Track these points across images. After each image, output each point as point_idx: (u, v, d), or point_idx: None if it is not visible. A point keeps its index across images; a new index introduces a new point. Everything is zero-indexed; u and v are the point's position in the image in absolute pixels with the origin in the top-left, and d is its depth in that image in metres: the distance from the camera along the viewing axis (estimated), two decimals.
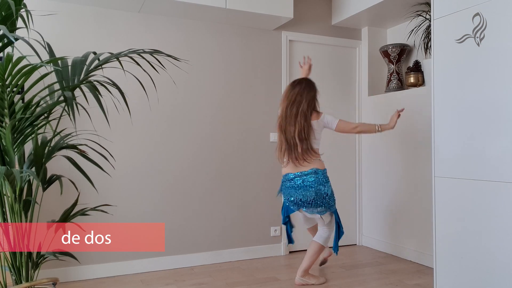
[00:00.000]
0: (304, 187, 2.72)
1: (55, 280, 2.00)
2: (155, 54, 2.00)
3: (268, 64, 3.68)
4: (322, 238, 2.84)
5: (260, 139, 3.63)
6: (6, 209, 1.86)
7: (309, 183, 2.71)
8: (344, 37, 3.99)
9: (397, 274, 3.11)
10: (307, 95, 2.77)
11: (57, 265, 2.90)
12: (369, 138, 3.95)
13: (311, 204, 2.73)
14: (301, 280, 2.84)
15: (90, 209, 2.13)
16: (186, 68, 3.28)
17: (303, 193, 2.73)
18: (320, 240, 2.84)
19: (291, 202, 2.81)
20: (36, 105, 1.90)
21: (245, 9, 3.18)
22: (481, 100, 2.24)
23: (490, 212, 2.18)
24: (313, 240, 2.87)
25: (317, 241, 2.85)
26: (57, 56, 2.03)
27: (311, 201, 2.71)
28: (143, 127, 3.22)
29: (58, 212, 2.49)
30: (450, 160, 2.41)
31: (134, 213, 3.17)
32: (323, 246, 2.85)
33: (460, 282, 2.35)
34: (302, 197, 2.73)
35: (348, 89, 4.04)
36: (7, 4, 1.73)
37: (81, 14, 3.05)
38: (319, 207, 2.74)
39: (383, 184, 3.78)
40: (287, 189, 2.82)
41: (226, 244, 3.49)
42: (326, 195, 2.72)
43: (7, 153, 1.81)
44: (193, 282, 2.94)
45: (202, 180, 3.41)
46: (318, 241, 2.84)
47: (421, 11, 3.44)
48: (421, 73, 3.53)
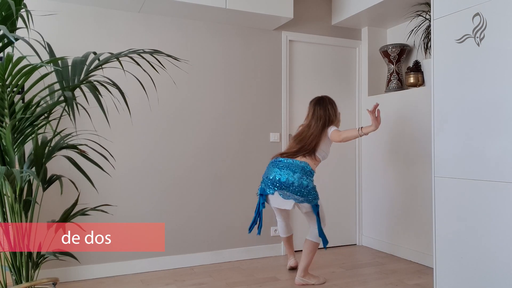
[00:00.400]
0: (290, 170, 2.78)
1: (55, 280, 2.00)
2: (155, 54, 2.00)
3: (268, 64, 3.68)
4: (314, 235, 2.85)
5: (260, 139, 3.63)
6: (6, 209, 1.86)
7: (295, 168, 2.78)
8: (344, 37, 3.99)
9: (397, 274, 3.11)
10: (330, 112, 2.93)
11: (57, 265, 2.90)
12: (369, 138, 3.95)
13: (288, 187, 2.74)
14: (301, 280, 2.85)
15: (90, 209, 2.13)
16: (186, 68, 3.28)
17: (286, 173, 2.77)
18: (313, 238, 2.85)
19: (268, 181, 2.81)
20: (36, 105, 1.90)
21: (245, 9, 3.18)
22: (481, 100, 2.24)
23: (490, 212, 2.18)
24: (306, 239, 2.89)
25: (309, 239, 2.86)
26: (57, 56, 2.03)
27: (290, 184, 2.73)
28: (143, 127, 3.22)
29: (58, 212, 2.50)
30: (450, 160, 2.41)
31: (134, 213, 3.17)
32: (317, 243, 2.86)
33: (460, 282, 2.35)
34: (281, 177, 2.77)
35: (348, 89, 4.04)
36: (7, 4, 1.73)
37: (81, 14, 3.05)
38: (296, 194, 2.75)
39: (383, 184, 3.78)
40: (269, 169, 2.88)
41: (226, 244, 3.49)
42: (307, 186, 2.76)
43: (7, 153, 1.81)
44: (193, 282, 2.94)
45: (202, 180, 3.41)
46: (311, 238, 2.86)
47: (421, 11, 3.44)
48: (421, 73, 3.53)
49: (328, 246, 3.84)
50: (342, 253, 3.71)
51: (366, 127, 2.76)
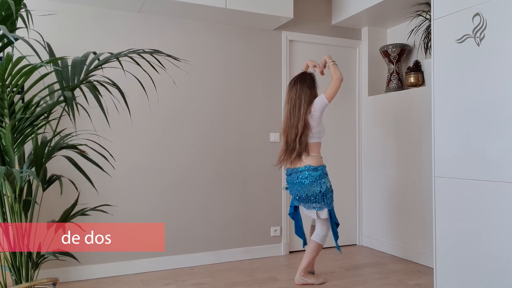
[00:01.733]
0: (299, 183, 2.80)
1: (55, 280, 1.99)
2: (155, 54, 2.00)
3: (268, 64, 3.68)
4: (319, 236, 2.85)
5: (260, 139, 3.63)
6: (6, 209, 1.86)
7: (302, 180, 2.78)
8: (344, 37, 3.99)
9: (397, 274, 3.11)
10: (304, 94, 2.80)
11: (57, 265, 2.90)
12: (369, 138, 3.95)
13: (305, 199, 2.79)
14: (301, 280, 2.84)
15: (90, 209, 2.13)
16: (186, 68, 3.28)
17: (297, 189, 2.81)
18: (317, 239, 2.84)
19: (292, 196, 2.93)
20: (36, 105, 1.90)
21: (245, 9, 3.18)
22: (481, 100, 2.24)
23: (490, 212, 2.18)
24: (311, 239, 2.88)
25: (314, 239, 2.86)
26: (57, 56, 2.03)
27: (305, 197, 2.78)
28: (143, 127, 3.22)
29: (58, 212, 2.49)
30: (450, 160, 2.41)
31: (134, 213, 3.17)
32: (321, 245, 2.85)
33: (460, 282, 2.35)
34: (297, 192, 2.83)
35: (348, 89, 4.03)
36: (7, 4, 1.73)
37: (81, 14, 3.05)
38: (313, 202, 2.78)
39: (383, 184, 3.78)
40: (288, 183, 2.93)
41: (226, 244, 3.49)
42: (320, 192, 2.75)
43: (7, 153, 1.81)
44: (193, 282, 2.94)
45: (202, 180, 3.41)
46: (315, 239, 2.85)
47: (421, 11, 3.44)
48: (421, 73, 3.53)
49: (328, 246, 3.84)
50: (342, 253, 3.71)
51: (329, 62, 2.86)
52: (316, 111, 2.77)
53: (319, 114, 2.78)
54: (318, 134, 2.82)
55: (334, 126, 3.91)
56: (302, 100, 2.78)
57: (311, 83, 2.85)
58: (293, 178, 2.83)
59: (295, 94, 2.82)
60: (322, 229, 2.85)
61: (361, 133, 4.05)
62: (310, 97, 2.80)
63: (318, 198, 2.75)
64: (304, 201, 2.81)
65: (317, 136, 2.82)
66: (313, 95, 2.82)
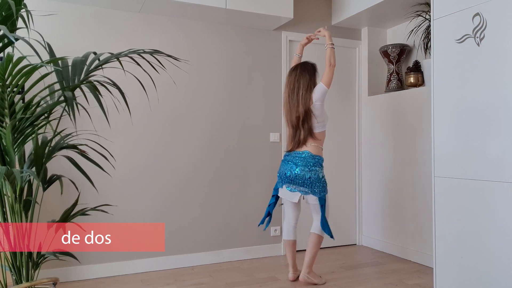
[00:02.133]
0: (292, 162, 2.83)
1: (55, 280, 2.00)
2: (155, 54, 2.00)
3: (268, 64, 3.68)
4: (317, 228, 2.85)
5: (260, 139, 3.63)
6: (7, 209, 1.86)
7: (297, 161, 2.80)
8: (344, 37, 3.99)
9: (397, 274, 3.11)
10: (303, 79, 2.83)
11: (57, 265, 2.90)
12: (369, 138, 3.95)
13: (293, 180, 2.80)
14: (306, 277, 2.84)
15: (90, 209, 2.13)
16: (186, 68, 3.28)
17: (290, 167, 2.82)
18: (317, 230, 2.86)
19: (278, 176, 2.93)
20: (37, 105, 1.90)
21: (245, 9, 3.18)
22: (481, 100, 2.24)
23: (490, 212, 2.18)
24: (310, 232, 2.89)
25: (313, 232, 2.87)
26: (57, 56, 2.03)
27: (294, 176, 2.79)
28: (143, 127, 3.22)
29: (58, 212, 2.50)
30: (450, 160, 2.41)
31: (134, 213, 3.17)
32: (321, 236, 2.86)
33: (460, 282, 2.35)
34: (287, 171, 2.83)
35: (348, 89, 4.04)
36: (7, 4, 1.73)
37: (81, 14, 3.05)
38: (300, 186, 2.79)
39: (383, 184, 3.78)
40: (281, 164, 2.94)
41: (226, 244, 3.49)
42: (309, 178, 2.77)
43: (7, 153, 1.81)
44: (193, 282, 2.94)
45: (202, 180, 3.41)
46: (315, 231, 2.86)
47: (421, 11, 3.45)
48: (421, 73, 3.53)
49: (328, 246, 3.85)
50: (342, 253, 3.71)
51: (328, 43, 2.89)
52: (317, 100, 2.80)
53: (320, 103, 2.82)
54: (322, 123, 2.86)
55: (334, 126, 3.91)
56: (301, 84, 2.81)
57: (312, 70, 2.88)
58: (289, 158, 2.86)
59: (294, 78, 2.86)
60: (319, 221, 2.85)
61: (360, 133, 4.05)
62: (309, 83, 2.82)
63: (306, 183, 2.77)
64: (292, 181, 2.80)
65: (322, 125, 2.86)
66: (313, 82, 2.84)
